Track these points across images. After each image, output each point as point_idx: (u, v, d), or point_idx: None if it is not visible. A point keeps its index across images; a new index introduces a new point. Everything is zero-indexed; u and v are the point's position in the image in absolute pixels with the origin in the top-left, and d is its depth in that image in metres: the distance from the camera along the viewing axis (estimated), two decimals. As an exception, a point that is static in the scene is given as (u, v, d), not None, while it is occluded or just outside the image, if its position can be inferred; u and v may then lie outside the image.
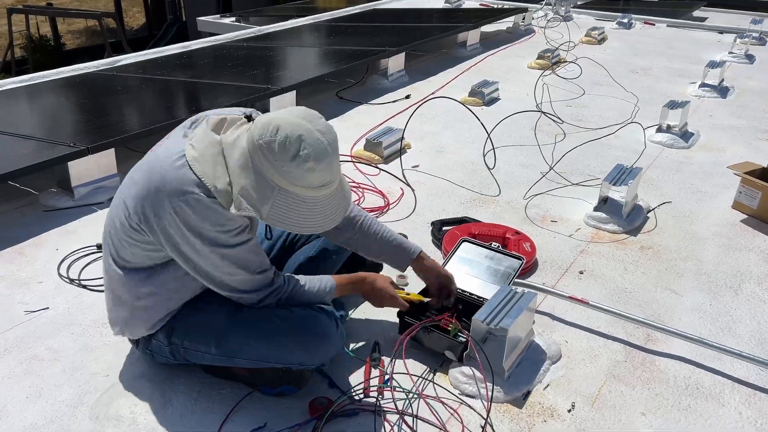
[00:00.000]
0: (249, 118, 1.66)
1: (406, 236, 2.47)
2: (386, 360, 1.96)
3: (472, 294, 2.13)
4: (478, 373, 1.85)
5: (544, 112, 4.24)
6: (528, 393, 1.87)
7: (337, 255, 2.12)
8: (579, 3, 9.27)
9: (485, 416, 1.76)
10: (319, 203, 1.59)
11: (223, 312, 1.74)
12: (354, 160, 3.48)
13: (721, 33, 7.31)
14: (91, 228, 2.76)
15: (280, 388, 1.78)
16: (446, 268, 2.21)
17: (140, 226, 1.62)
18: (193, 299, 1.78)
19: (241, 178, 1.55)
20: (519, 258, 2.25)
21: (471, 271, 2.22)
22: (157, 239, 1.61)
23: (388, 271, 2.23)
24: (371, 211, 2.91)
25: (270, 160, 1.51)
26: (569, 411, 1.82)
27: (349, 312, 2.18)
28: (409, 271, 2.11)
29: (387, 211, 2.95)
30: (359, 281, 1.94)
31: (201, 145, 1.60)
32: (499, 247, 2.37)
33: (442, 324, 1.99)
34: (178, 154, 1.59)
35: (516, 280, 2.23)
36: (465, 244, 2.32)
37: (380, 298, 1.95)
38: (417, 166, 3.47)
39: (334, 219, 1.64)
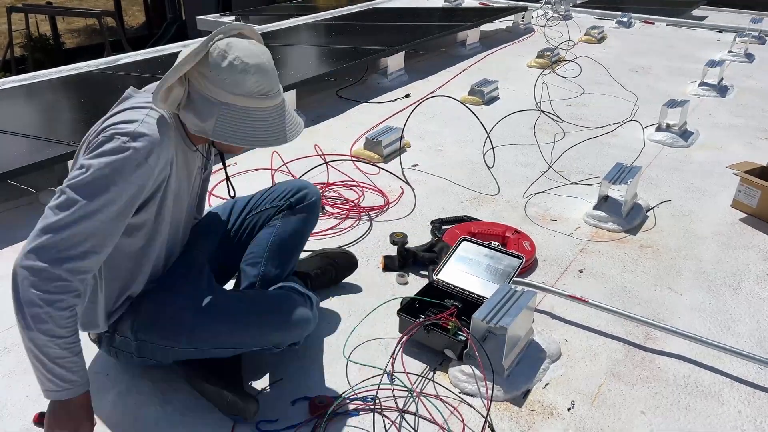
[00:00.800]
0: None
1: (405, 235, 2.48)
2: (385, 359, 1.96)
3: (472, 293, 2.12)
4: (477, 372, 1.85)
5: (543, 111, 4.24)
6: (528, 391, 1.88)
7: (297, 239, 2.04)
8: (578, 2, 9.27)
9: (485, 415, 1.76)
10: (263, 116, 1.55)
11: (189, 302, 1.67)
12: (354, 158, 3.49)
13: (721, 32, 7.32)
14: (90, 227, 2.75)
15: (231, 416, 1.70)
16: (446, 266, 2.21)
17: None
18: (154, 292, 1.72)
19: (182, 103, 1.54)
20: (519, 257, 2.25)
21: (470, 269, 2.22)
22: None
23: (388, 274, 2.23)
24: (371, 210, 2.92)
25: (205, 75, 1.51)
26: (569, 409, 1.82)
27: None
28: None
29: (387, 209, 2.95)
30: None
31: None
32: (498, 246, 2.37)
33: (441, 323, 1.99)
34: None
35: (516, 278, 2.23)
36: (465, 243, 2.32)
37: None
38: (417, 165, 3.47)
39: (282, 136, 1.58)
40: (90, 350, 1.99)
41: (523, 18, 7.23)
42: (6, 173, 2.69)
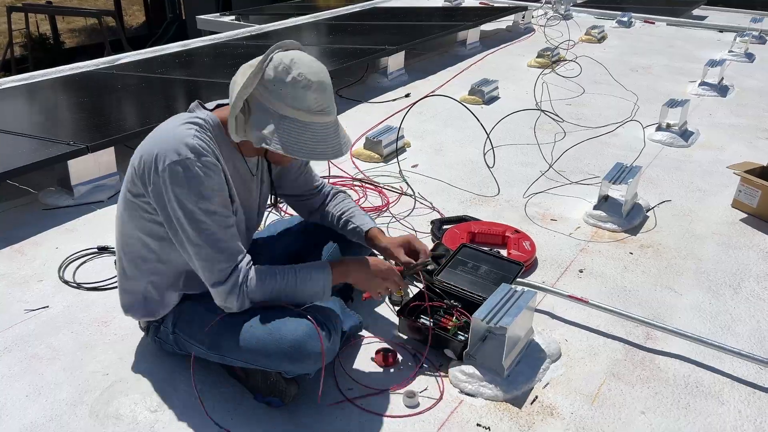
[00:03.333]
0: None
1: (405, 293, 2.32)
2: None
3: (473, 293, 2.12)
4: (477, 372, 1.85)
5: (543, 111, 4.24)
6: (528, 392, 1.87)
7: (356, 251, 2.13)
8: (579, 1, 9.27)
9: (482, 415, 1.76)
10: (320, 131, 1.64)
11: (218, 313, 1.75)
12: (354, 158, 3.48)
13: (721, 32, 7.32)
14: (90, 226, 2.76)
15: (267, 398, 1.78)
16: (443, 272, 2.21)
17: (139, 180, 1.66)
18: (200, 295, 1.80)
19: (244, 114, 1.64)
20: (518, 264, 2.25)
21: (470, 273, 2.22)
22: (152, 199, 1.65)
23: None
24: (370, 210, 2.92)
25: (268, 88, 1.61)
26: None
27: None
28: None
29: (387, 209, 2.95)
30: (348, 265, 1.82)
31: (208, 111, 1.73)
32: (498, 252, 2.37)
33: (441, 322, 1.99)
34: (185, 118, 1.69)
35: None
36: (465, 249, 2.32)
37: (378, 276, 1.82)
38: (416, 165, 3.47)
39: (338, 150, 1.68)
40: (87, 350, 2.00)
41: (523, 18, 7.23)
42: (6, 173, 2.69)
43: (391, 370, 1.92)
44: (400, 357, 1.97)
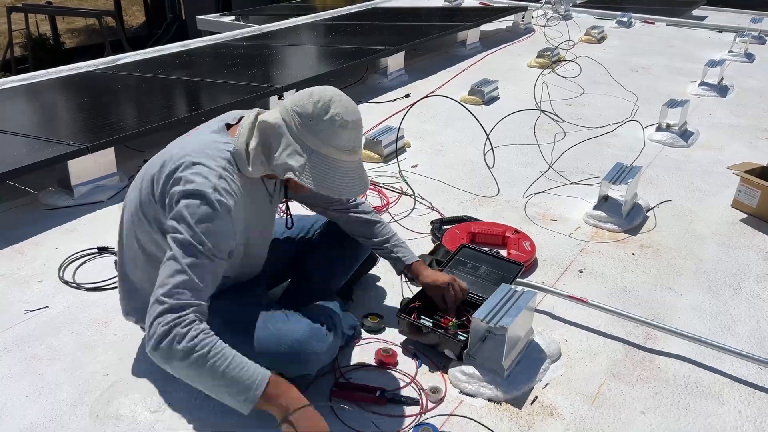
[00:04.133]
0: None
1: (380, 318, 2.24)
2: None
3: (473, 293, 2.12)
4: (477, 372, 1.85)
5: (543, 111, 4.24)
6: (528, 392, 1.87)
7: (355, 252, 2.16)
8: (578, 2, 9.26)
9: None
10: (346, 168, 1.65)
11: (218, 314, 1.75)
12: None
13: (721, 32, 7.32)
14: (90, 227, 2.76)
15: None
16: (444, 271, 2.21)
17: (159, 189, 1.64)
18: None
19: (277, 145, 1.64)
20: (518, 264, 2.25)
21: (470, 274, 2.22)
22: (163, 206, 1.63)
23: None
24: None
25: (305, 121, 1.60)
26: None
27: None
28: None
29: (386, 210, 2.95)
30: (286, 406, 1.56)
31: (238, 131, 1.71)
32: (498, 252, 2.37)
33: (441, 322, 1.99)
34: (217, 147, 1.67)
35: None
36: (464, 249, 2.32)
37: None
38: (416, 165, 3.46)
39: (360, 188, 1.71)
40: (87, 350, 2.00)
41: (523, 18, 7.23)
42: (6, 173, 2.69)
43: (391, 369, 1.92)
44: (399, 357, 1.97)
